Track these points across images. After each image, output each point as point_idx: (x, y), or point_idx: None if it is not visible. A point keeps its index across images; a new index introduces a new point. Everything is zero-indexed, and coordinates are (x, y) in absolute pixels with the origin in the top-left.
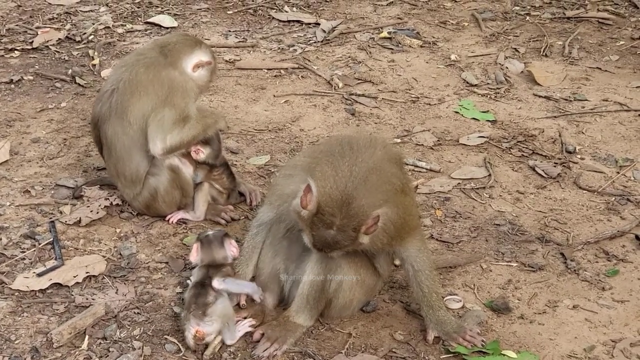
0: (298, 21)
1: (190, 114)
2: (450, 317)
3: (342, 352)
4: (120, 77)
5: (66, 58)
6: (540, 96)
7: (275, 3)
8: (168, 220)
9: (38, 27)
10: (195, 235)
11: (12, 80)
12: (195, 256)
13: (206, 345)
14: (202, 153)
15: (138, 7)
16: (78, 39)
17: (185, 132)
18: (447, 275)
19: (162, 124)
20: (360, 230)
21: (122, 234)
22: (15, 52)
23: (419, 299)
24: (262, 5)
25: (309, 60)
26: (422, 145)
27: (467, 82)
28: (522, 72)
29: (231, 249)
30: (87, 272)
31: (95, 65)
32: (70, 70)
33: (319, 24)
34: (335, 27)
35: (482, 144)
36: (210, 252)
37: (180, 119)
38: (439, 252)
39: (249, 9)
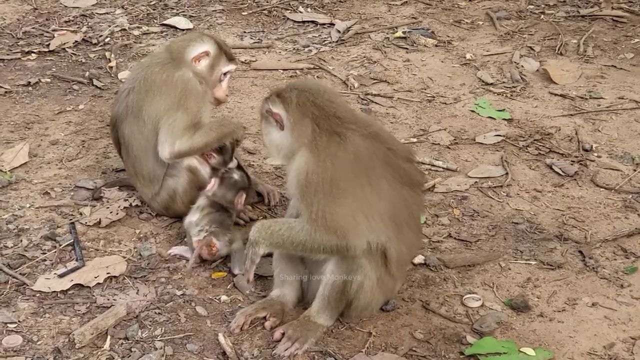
0: (313, 22)
1: (202, 119)
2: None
3: (362, 351)
4: (136, 77)
5: (83, 60)
6: (556, 94)
7: (289, 4)
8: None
9: (54, 30)
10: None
11: (29, 82)
12: (210, 189)
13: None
14: (214, 158)
15: (154, 9)
16: (95, 41)
17: (196, 139)
18: (465, 273)
19: (173, 129)
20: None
21: (141, 235)
22: (33, 54)
23: None
24: (276, 6)
25: (324, 61)
26: (439, 144)
27: (483, 81)
28: (537, 70)
29: (238, 202)
30: (107, 273)
31: (112, 67)
32: (87, 72)
33: (333, 24)
34: (350, 27)
35: (498, 142)
36: (223, 193)
37: (191, 125)
38: (457, 251)
39: (264, 10)
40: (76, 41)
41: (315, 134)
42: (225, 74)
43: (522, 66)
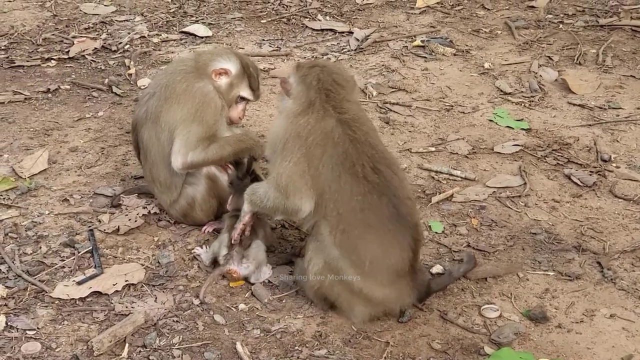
0: (331, 30)
1: (218, 133)
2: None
3: None
4: (159, 82)
5: (102, 67)
6: (574, 104)
7: (308, 12)
8: (203, 231)
9: (74, 37)
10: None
11: (49, 89)
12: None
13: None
14: (230, 170)
15: (173, 17)
16: (114, 48)
17: (210, 152)
18: (483, 284)
19: (187, 139)
20: (281, 80)
21: (160, 243)
22: (52, 61)
23: None
24: (295, 14)
25: None
26: (457, 153)
27: (501, 91)
28: (556, 80)
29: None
30: (126, 281)
31: (131, 74)
32: (106, 79)
33: (352, 33)
34: (368, 36)
35: (516, 152)
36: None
37: (206, 137)
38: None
39: (283, 17)
40: (96, 48)
41: (303, 101)
42: (241, 98)
43: (541, 76)
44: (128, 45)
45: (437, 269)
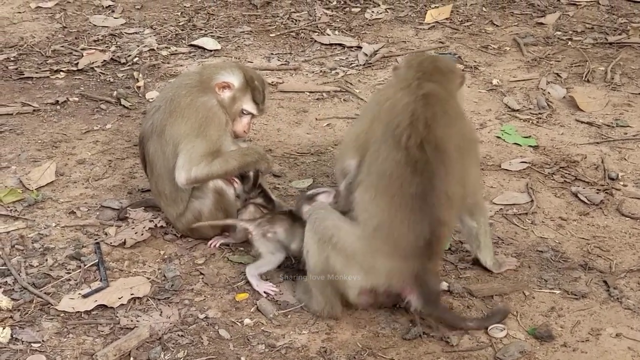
0: (340, 44)
1: (222, 147)
2: None
3: None
4: (165, 96)
5: (111, 80)
6: (582, 122)
7: (317, 26)
8: (209, 245)
9: (83, 49)
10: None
11: (57, 101)
12: None
13: None
14: (237, 184)
15: (182, 30)
16: (123, 60)
17: (214, 166)
18: (489, 301)
19: (191, 155)
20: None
21: (166, 256)
22: (61, 73)
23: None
24: (304, 29)
25: (351, 84)
26: None
27: (509, 107)
28: (564, 97)
29: None
30: (131, 294)
31: (140, 87)
32: (115, 92)
33: (361, 47)
34: (377, 51)
35: (524, 169)
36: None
37: (209, 152)
38: (481, 278)
39: (292, 31)
40: (105, 60)
41: (401, 80)
42: (244, 112)
43: (549, 93)
44: (137, 58)
45: (442, 286)
